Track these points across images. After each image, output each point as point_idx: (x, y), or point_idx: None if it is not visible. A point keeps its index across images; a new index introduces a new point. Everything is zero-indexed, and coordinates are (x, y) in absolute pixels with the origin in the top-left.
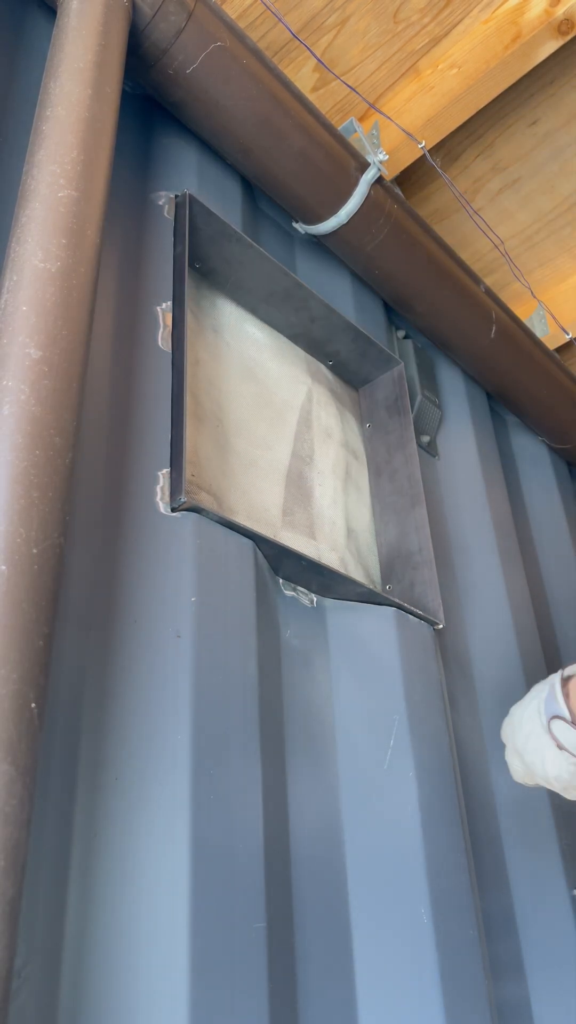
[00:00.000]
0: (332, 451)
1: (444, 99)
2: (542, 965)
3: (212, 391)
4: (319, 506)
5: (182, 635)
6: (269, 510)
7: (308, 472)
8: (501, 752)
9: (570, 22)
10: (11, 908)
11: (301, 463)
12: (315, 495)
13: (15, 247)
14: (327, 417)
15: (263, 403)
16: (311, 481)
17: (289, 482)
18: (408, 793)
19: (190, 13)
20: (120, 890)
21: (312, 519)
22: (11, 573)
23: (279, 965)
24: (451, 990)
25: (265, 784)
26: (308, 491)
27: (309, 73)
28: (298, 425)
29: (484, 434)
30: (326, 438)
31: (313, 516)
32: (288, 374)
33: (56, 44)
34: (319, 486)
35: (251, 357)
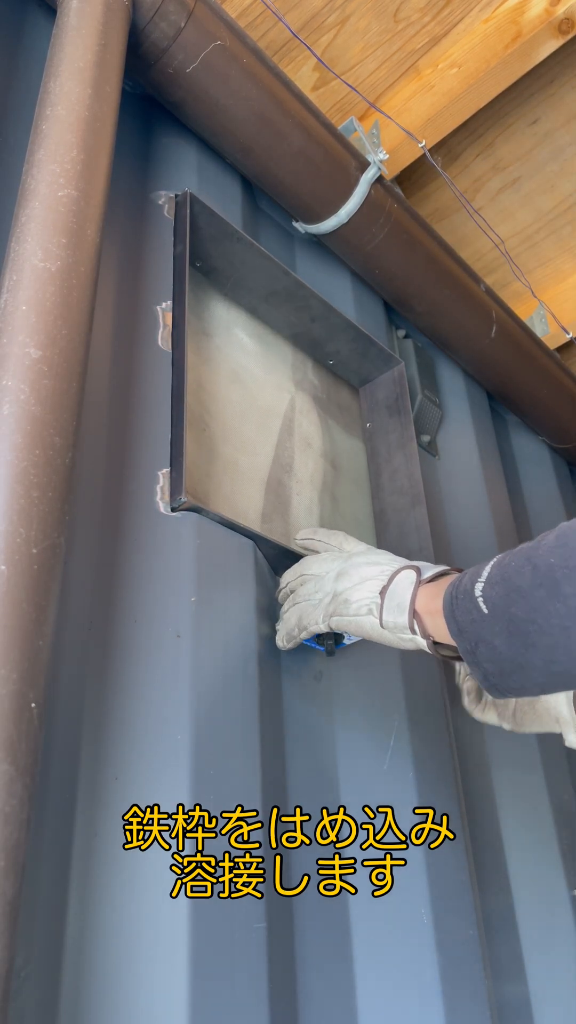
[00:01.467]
0: (311, 461)
1: (444, 98)
2: (542, 965)
3: (201, 394)
4: (296, 514)
5: (182, 635)
6: (249, 515)
7: (287, 480)
8: (501, 752)
9: (570, 21)
10: (11, 908)
11: (281, 471)
12: (292, 504)
13: (15, 246)
14: (308, 426)
15: (248, 408)
16: (290, 489)
17: (269, 489)
18: (408, 794)
19: (190, 12)
20: (120, 890)
21: (288, 527)
22: (11, 573)
23: (279, 965)
24: (451, 990)
25: (265, 784)
26: (287, 499)
27: (309, 72)
28: (280, 432)
29: (484, 434)
30: (306, 447)
31: (290, 524)
32: (273, 381)
33: (56, 43)
34: (297, 495)
35: (238, 362)
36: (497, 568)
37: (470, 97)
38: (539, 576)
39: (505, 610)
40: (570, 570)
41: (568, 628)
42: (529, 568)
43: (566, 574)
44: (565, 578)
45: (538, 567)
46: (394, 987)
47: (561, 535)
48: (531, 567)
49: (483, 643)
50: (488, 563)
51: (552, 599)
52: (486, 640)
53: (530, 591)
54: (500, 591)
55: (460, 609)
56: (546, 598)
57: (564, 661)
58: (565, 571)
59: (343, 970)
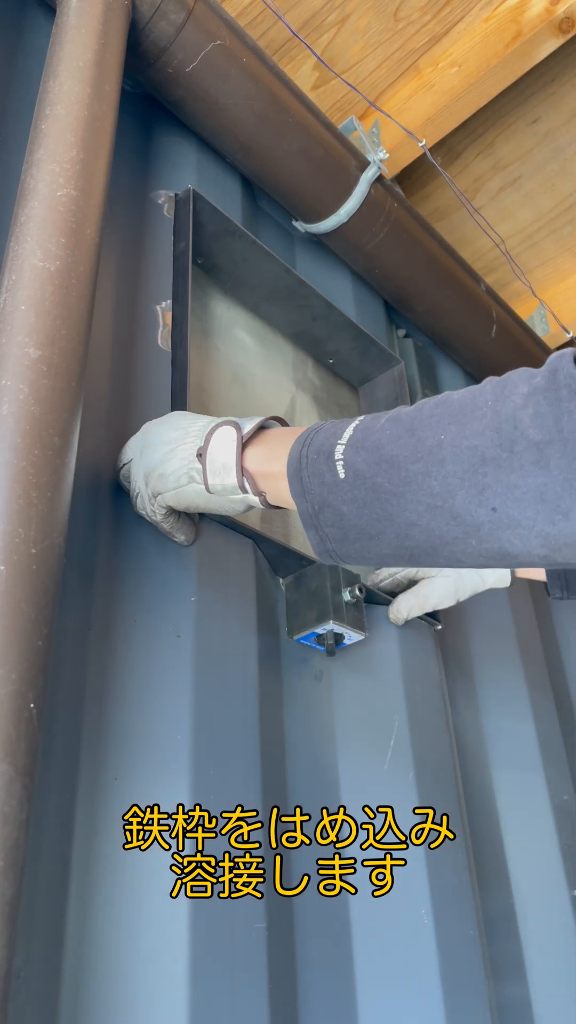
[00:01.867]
0: None
1: (444, 97)
2: (542, 965)
3: (200, 395)
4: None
5: (182, 635)
6: (248, 516)
7: None
8: (501, 752)
9: (571, 21)
10: (10, 908)
11: None
12: None
13: (14, 246)
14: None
15: (249, 408)
16: None
17: None
18: (408, 794)
19: (189, 11)
20: (120, 890)
21: (288, 528)
22: (10, 573)
23: (279, 965)
24: (451, 990)
25: (265, 784)
26: None
27: (309, 71)
28: None
29: None
30: None
31: (288, 525)
32: (273, 381)
33: (56, 43)
34: None
35: (238, 362)
36: (362, 432)
37: (470, 96)
38: (422, 450)
39: (369, 479)
40: (460, 449)
41: (437, 508)
42: (410, 439)
43: (455, 453)
44: (453, 457)
45: (422, 440)
46: (394, 987)
47: (448, 404)
48: (414, 439)
49: (329, 508)
50: (346, 423)
51: (429, 476)
52: (333, 506)
53: (406, 463)
54: (367, 458)
55: (309, 471)
56: (422, 473)
57: (419, 538)
58: (455, 450)
59: (343, 970)
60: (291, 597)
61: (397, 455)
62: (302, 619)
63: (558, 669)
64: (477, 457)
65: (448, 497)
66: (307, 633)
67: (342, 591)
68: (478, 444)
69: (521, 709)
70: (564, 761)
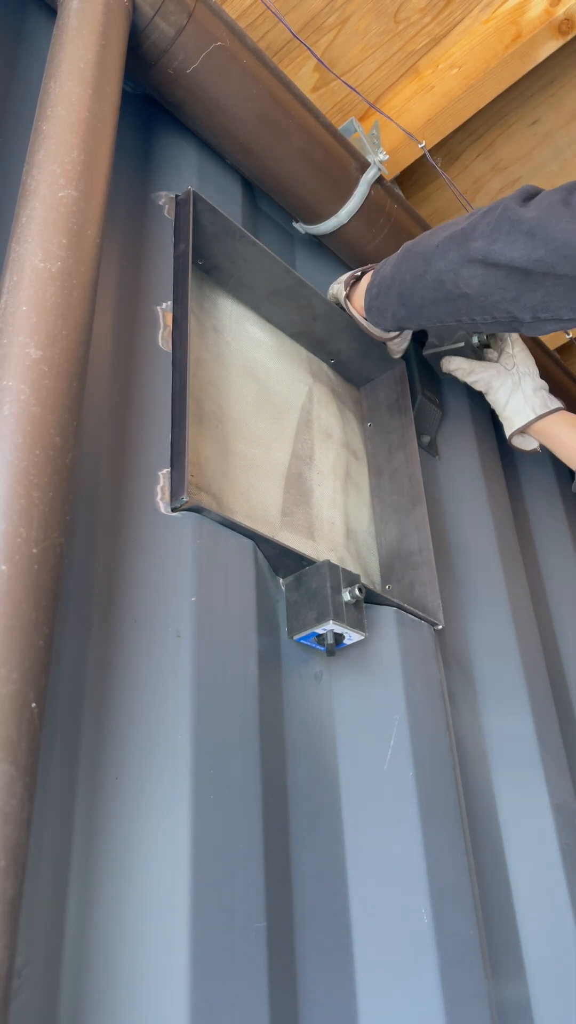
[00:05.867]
0: (332, 451)
1: (444, 99)
2: (542, 965)
3: (213, 391)
4: (318, 507)
5: (182, 635)
6: (268, 511)
7: (308, 472)
8: (501, 752)
9: (570, 22)
10: (11, 908)
11: (301, 463)
12: (314, 495)
13: (15, 247)
14: (328, 417)
15: (263, 403)
16: (310, 481)
17: (288, 483)
18: (408, 793)
19: (190, 13)
20: (120, 890)
21: (311, 520)
22: (11, 573)
23: (279, 965)
24: (451, 990)
25: (265, 784)
26: (307, 492)
27: (309, 73)
28: (298, 425)
29: (484, 434)
30: (326, 438)
31: (312, 517)
32: (289, 373)
33: (56, 44)
34: (318, 486)
35: (252, 357)
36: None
37: (470, 98)
38: (441, 227)
39: (409, 248)
40: (479, 235)
41: (430, 260)
42: (440, 225)
43: (463, 224)
44: (477, 235)
45: (459, 225)
46: (394, 987)
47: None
48: (447, 224)
49: (378, 274)
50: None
51: (434, 237)
52: (380, 271)
53: (430, 234)
54: (411, 242)
55: (382, 264)
56: (430, 237)
57: (420, 289)
58: (473, 232)
59: (343, 970)
60: (291, 597)
61: (438, 231)
62: (302, 619)
63: (558, 669)
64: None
65: (448, 273)
66: (307, 633)
67: (342, 591)
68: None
69: (521, 709)
70: (564, 761)
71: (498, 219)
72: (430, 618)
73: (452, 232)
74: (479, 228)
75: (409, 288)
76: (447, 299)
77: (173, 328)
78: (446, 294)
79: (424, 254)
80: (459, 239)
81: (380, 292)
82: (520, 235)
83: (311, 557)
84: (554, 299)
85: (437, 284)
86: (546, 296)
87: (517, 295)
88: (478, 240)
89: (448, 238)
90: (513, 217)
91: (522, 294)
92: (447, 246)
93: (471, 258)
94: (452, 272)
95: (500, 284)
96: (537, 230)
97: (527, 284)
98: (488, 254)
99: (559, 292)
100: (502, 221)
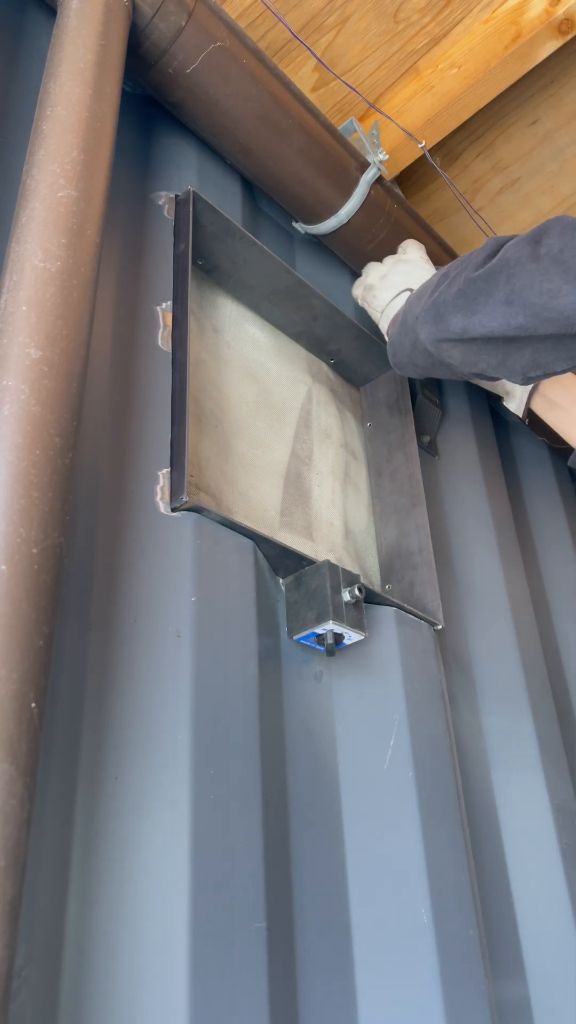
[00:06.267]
0: (331, 451)
1: (444, 99)
2: (542, 965)
3: (212, 391)
4: (317, 507)
5: (182, 635)
6: (267, 511)
7: (307, 473)
8: (501, 752)
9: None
10: (11, 907)
11: (300, 463)
12: (313, 496)
13: (15, 247)
14: (327, 417)
15: (263, 403)
16: (309, 482)
17: (287, 483)
18: (408, 793)
19: (190, 13)
20: (120, 890)
21: (310, 520)
22: (11, 573)
23: (279, 965)
24: (451, 990)
25: (265, 784)
26: (306, 492)
27: (309, 73)
28: (297, 425)
29: (484, 434)
30: (325, 438)
31: (311, 517)
32: (288, 374)
33: (56, 44)
34: (317, 487)
35: (251, 357)
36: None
37: (470, 98)
38: (424, 288)
39: (405, 311)
40: (452, 310)
41: (416, 330)
42: (425, 284)
43: (430, 293)
44: (450, 309)
45: (427, 285)
46: (394, 987)
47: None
48: (426, 286)
49: (392, 329)
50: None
51: (417, 304)
52: (392, 326)
53: (417, 296)
54: (411, 299)
55: (395, 318)
56: (415, 303)
57: (417, 356)
58: (446, 307)
59: (343, 970)
60: (291, 597)
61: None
62: (302, 619)
63: (558, 669)
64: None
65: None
66: (307, 633)
67: (342, 591)
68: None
69: (521, 709)
70: (564, 761)
71: (466, 290)
72: (430, 618)
73: (426, 301)
74: (450, 302)
75: (409, 354)
76: (441, 365)
77: (173, 328)
78: (437, 362)
79: (411, 324)
80: (432, 312)
81: (395, 352)
82: (497, 305)
83: (311, 557)
84: (542, 355)
85: (426, 355)
86: (534, 354)
87: (503, 360)
88: (454, 316)
89: (424, 309)
90: (484, 288)
91: (508, 357)
92: (424, 319)
93: (448, 336)
94: (433, 346)
95: (483, 352)
96: (513, 297)
97: (511, 348)
98: (467, 329)
99: (547, 347)
100: (475, 293)
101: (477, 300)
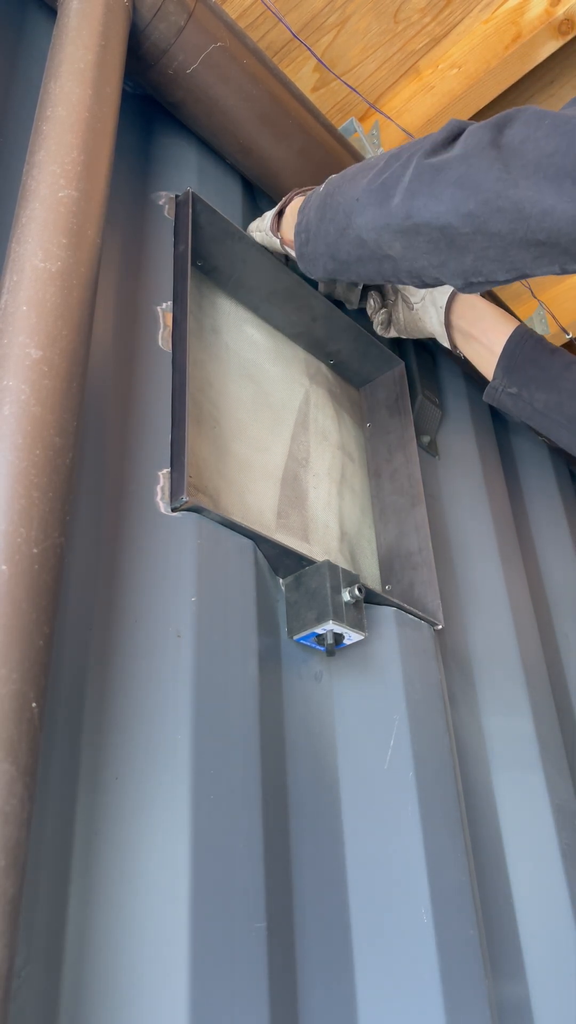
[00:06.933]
0: (328, 453)
1: (444, 99)
2: (542, 965)
3: (210, 392)
4: (313, 509)
5: (182, 635)
6: (264, 512)
7: (303, 474)
8: (501, 752)
9: (570, 22)
10: (12, 907)
11: (297, 465)
12: (309, 498)
13: (15, 247)
14: (324, 419)
15: (260, 405)
16: (306, 484)
17: (284, 484)
18: (408, 793)
19: (190, 13)
20: (120, 890)
21: (306, 522)
22: (11, 573)
23: (279, 965)
24: (451, 990)
25: (265, 784)
26: (303, 493)
27: (309, 73)
28: (295, 427)
29: (484, 434)
30: (322, 440)
31: (307, 519)
32: (286, 376)
33: (56, 44)
34: (314, 488)
35: (249, 359)
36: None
37: (470, 98)
38: (359, 170)
39: (331, 194)
40: (398, 190)
41: (351, 214)
42: (360, 166)
43: (378, 174)
44: (397, 189)
45: (367, 165)
46: (394, 987)
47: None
48: (365, 167)
49: (304, 216)
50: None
51: (353, 186)
52: (305, 213)
53: (350, 178)
54: (335, 181)
55: (306, 204)
56: (350, 185)
57: (345, 245)
58: (393, 186)
59: (343, 970)
60: (291, 597)
61: (348, 174)
62: (302, 619)
63: (558, 669)
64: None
65: (362, 204)
66: (307, 633)
67: (342, 591)
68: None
69: (521, 709)
70: (564, 761)
71: (417, 167)
72: (430, 618)
73: (371, 181)
74: (398, 179)
75: (335, 242)
76: (373, 259)
77: (173, 328)
78: (371, 254)
79: (345, 207)
80: (378, 194)
81: (309, 240)
82: (445, 185)
83: (311, 557)
84: (485, 263)
85: (360, 243)
86: (476, 260)
87: (444, 261)
88: (397, 196)
89: (367, 190)
90: (436, 164)
91: (450, 259)
92: (366, 200)
93: (389, 219)
94: (373, 232)
95: (424, 250)
96: (465, 180)
97: (454, 249)
98: (410, 211)
99: (491, 255)
100: (423, 170)
101: (430, 183)
